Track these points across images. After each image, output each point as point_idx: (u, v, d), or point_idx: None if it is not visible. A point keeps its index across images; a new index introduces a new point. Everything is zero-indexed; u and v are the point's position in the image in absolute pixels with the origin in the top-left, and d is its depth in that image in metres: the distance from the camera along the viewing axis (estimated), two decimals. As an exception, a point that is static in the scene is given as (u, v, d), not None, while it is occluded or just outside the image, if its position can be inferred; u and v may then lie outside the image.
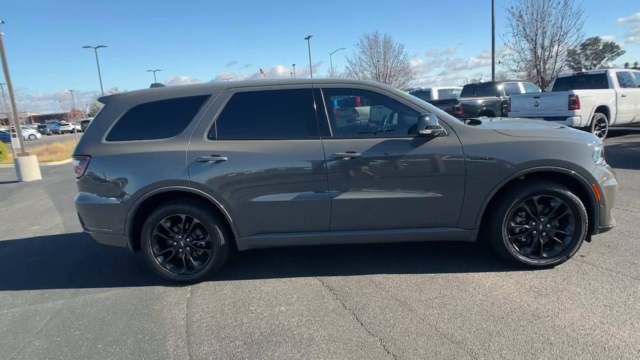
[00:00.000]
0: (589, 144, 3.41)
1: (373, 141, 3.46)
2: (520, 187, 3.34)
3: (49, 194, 9.25)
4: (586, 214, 3.34)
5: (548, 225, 3.41)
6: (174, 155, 3.52)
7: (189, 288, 3.60)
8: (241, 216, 3.52)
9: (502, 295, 3.07)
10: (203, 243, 3.65)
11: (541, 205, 3.39)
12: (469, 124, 3.65)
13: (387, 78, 30.99)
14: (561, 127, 3.77)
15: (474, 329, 2.65)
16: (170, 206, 3.56)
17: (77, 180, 3.80)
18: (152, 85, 4.17)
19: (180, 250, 3.65)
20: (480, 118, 4.36)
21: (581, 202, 3.32)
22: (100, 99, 3.92)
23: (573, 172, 3.29)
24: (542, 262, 3.42)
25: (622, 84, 10.48)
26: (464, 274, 3.47)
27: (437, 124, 3.30)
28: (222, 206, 3.50)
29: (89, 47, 41.17)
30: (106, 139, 3.67)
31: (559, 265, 3.46)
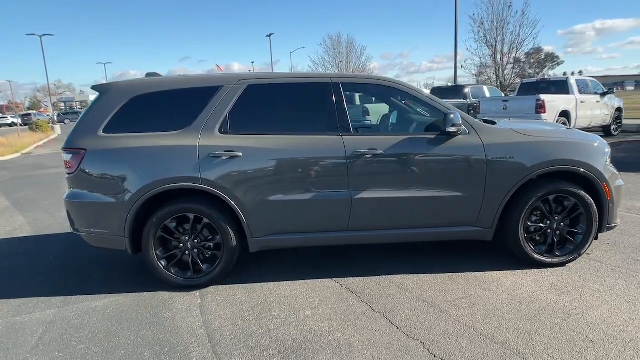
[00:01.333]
0: (601, 146, 3.52)
1: (394, 138, 3.37)
2: (538, 187, 3.39)
3: (1, 192, 8.43)
4: (597, 213, 3.44)
5: (561, 224, 3.48)
6: (183, 150, 3.26)
7: (197, 293, 3.34)
8: (255, 216, 3.32)
9: (527, 294, 3.09)
10: (211, 245, 3.40)
11: (555, 205, 3.45)
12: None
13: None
14: (568, 129, 3.88)
15: (512, 329, 2.63)
16: (177, 205, 3.29)
17: (68, 176, 3.42)
18: (148, 75, 3.86)
19: (187, 252, 3.39)
20: (493, 119, 4.40)
21: (593, 202, 3.42)
22: (95, 87, 3.56)
23: (588, 172, 3.37)
24: (556, 260, 3.49)
25: (581, 91, 11.14)
26: (481, 273, 3.47)
27: (461, 123, 3.28)
28: (235, 205, 3.28)
29: (34, 34, 38.31)
30: (103, 131, 3.33)
31: (570, 263, 3.54)
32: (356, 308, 2.99)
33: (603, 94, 11.63)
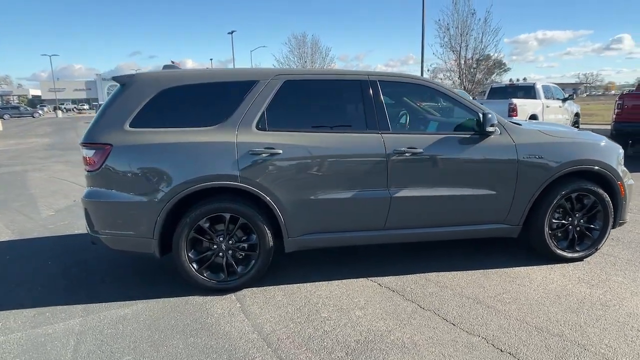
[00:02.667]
0: (615, 147, 3.74)
1: (432, 137, 3.41)
2: (562, 185, 3.55)
3: (-42, 192, 7.65)
4: (612, 210, 3.66)
5: (581, 220, 3.67)
6: (221, 147, 3.11)
7: (232, 297, 3.20)
8: (294, 215, 3.23)
9: (559, 287, 3.22)
10: (245, 245, 3.27)
11: (575, 202, 3.63)
12: (508, 124, 3.77)
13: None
14: (581, 130, 4.09)
15: (562, 322, 2.73)
16: (214, 204, 3.13)
17: (88, 173, 3.16)
18: (165, 67, 3.65)
19: (221, 254, 3.23)
20: (517, 120, 4.54)
21: (609, 199, 3.63)
22: (117, 79, 3.31)
23: (606, 171, 3.58)
24: (576, 255, 3.67)
25: (546, 96, 11.83)
26: (509, 269, 3.58)
27: (497, 123, 3.37)
28: (274, 204, 3.17)
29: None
30: (130, 126, 3.11)
31: (587, 258, 3.74)
32: (404, 307, 2.99)
33: (564, 100, 12.42)
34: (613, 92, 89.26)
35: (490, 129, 3.32)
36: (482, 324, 2.74)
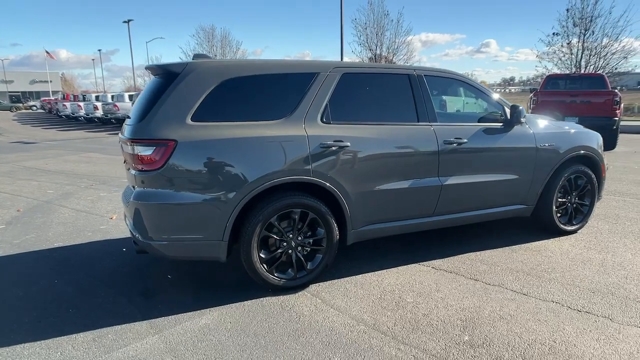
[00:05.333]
0: (598, 135, 4.44)
1: (472, 128, 3.70)
2: (565, 168, 4.12)
3: None
4: (597, 187, 4.36)
5: (576, 198, 4.29)
6: (293, 141, 3.01)
7: (305, 294, 3.13)
8: (357, 207, 3.26)
9: (578, 255, 3.76)
10: (311, 240, 3.22)
11: (573, 182, 4.25)
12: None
13: (224, 74, 30.30)
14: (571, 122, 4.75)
15: (603, 282, 3.22)
16: (286, 200, 3.01)
17: (144, 173, 2.82)
18: (195, 56, 3.40)
19: (290, 251, 3.13)
20: None
21: (596, 179, 4.31)
22: (167, 67, 2.99)
23: (594, 155, 4.25)
24: (573, 227, 4.30)
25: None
26: (526, 244, 4.05)
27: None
28: (342, 197, 3.17)
29: None
30: (192, 119, 2.85)
31: (580, 230, 4.39)
32: (473, 285, 3.23)
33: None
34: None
35: (522, 119, 3.73)
36: (547, 291, 3.10)
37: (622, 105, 10.06)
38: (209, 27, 30.57)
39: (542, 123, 4.11)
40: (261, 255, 3.03)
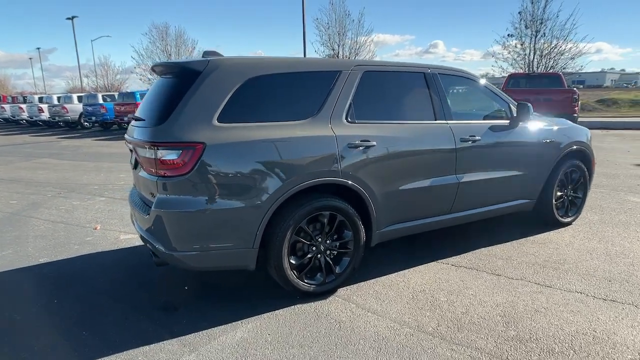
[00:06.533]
0: (588, 130, 4.66)
1: (483, 125, 3.76)
2: (563, 163, 4.29)
3: None
4: (589, 180, 4.58)
5: (571, 191, 4.49)
6: (321, 142, 2.91)
7: (336, 299, 3.03)
8: (382, 207, 3.21)
9: (583, 246, 3.92)
10: (337, 244, 3.13)
11: (569, 176, 4.43)
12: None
13: (180, 74, 29.25)
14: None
15: (616, 271, 3.36)
16: (316, 203, 2.90)
17: (169, 179, 2.61)
18: (205, 53, 3.21)
19: (319, 255, 3.03)
20: None
21: (587, 172, 4.53)
22: (186, 64, 2.79)
23: (587, 149, 4.46)
24: (569, 219, 4.49)
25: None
26: (531, 237, 4.18)
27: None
28: (369, 197, 3.11)
29: None
30: (218, 120, 2.67)
31: (574, 222, 4.59)
32: (498, 280, 3.27)
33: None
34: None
35: (532, 117, 3.84)
36: (568, 282, 3.20)
37: (579, 102, 10.73)
38: (162, 25, 29.40)
39: (542, 119, 4.26)
40: (291, 261, 2.90)
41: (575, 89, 10.80)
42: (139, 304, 3.03)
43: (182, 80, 2.78)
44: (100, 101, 21.81)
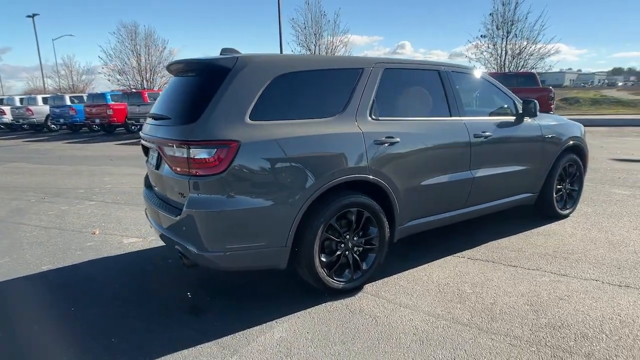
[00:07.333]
0: (581, 125, 4.88)
1: (492, 121, 3.87)
2: (562, 158, 4.47)
3: None
4: (582, 174, 4.80)
5: (569, 185, 4.68)
6: (351, 139, 2.92)
7: (365, 295, 3.05)
8: (405, 203, 3.25)
9: (586, 237, 4.10)
10: (362, 240, 3.14)
11: (567, 170, 4.62)
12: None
13: (151, 74, 28.62)
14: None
15: (623, 259, 3.53)
16: (345, 199, 2.91)
17: (203, 178, 2.55)
18: (223, 51, 3.16)
19: (347, 252, 3.03)
20: None
21: (583, 166, 4.74)
22: (214, 61, 2.73)
23: (582, 144, 4.67)
24: (568, 212, 4.68)
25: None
26: (535, 229, 4.34)
27: (537, 109, 4.05)
28: (393, 194, 3.15)
29: None
30: (250, 118, 2.64)
31: (572, 214, 4.79)
32: (515, 271, 3.37)
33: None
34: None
35: (539, 113, 3.98)
36: (581, 271, 3.34)
37: (554, 100, 11.19)
38: (131, 25, 28.58)
39: (544, 116, 4.43)
40: (322, 259, 2.89)
41: (550, 87, 11.27)
42: (164, 308, 2.95)
43: (210, 78, 2.72)
44: (68, 102, 21.01)
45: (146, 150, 3.35)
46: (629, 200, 5.34)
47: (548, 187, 4.41)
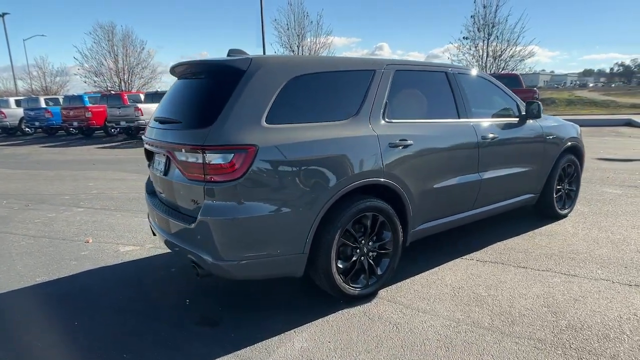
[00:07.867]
0: (578, 126, 4.96)
1: (497, 123, 3.88)
2: (562, 158, 4.52)
3: None
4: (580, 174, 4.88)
5: (567, 185, 4.75)
6: (367, 142, 2.87)
7: (382, 301, 2.99)
8: (417, 206, 3.22)
9: (589, 237, 4.15)
10: (377, 245, 3.09)
11: (566, 171, 4.69)
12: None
13: (129, 75, 27.98)
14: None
15: (627, 258, 3.59)
16: (361, 204, 2.85)
17: (221, 185, 2.45)
18: (231, 52, 3.07)
19: (362, 258, 2.98)
20: None
21: (580, 166, 4.82)
22: (228, 63, 2.63)
23: (579, 144, 4.74)
24: (566, 211, 4.75)
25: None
26: (538, 229, 4.38)
27: (539, 111, 4.09)
28: (407, 197, 3.11)
29: None
30: (266, 122, 2.55)
31: (570, 214, 4.86)
32: (525, 272, 3.38)
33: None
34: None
35: (542, 115, 4.02)
36: (590, 271, 3.37)
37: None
38: (108, 25, 27.86)
39: (546, 118, 4.48)
40: (339, 265, 2.82)
41: (535, 89, 11.48)
42: (175, 320, 2.82)
43: (223, 80, 2.62)
44: (43, 105, 20.32)
45: (149, 155, 3.22)
46: (621, 199, 5.46)
47: (549, 188, 4.46)
